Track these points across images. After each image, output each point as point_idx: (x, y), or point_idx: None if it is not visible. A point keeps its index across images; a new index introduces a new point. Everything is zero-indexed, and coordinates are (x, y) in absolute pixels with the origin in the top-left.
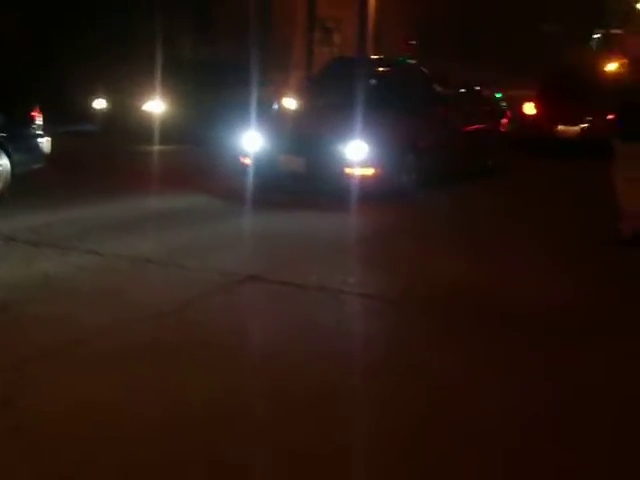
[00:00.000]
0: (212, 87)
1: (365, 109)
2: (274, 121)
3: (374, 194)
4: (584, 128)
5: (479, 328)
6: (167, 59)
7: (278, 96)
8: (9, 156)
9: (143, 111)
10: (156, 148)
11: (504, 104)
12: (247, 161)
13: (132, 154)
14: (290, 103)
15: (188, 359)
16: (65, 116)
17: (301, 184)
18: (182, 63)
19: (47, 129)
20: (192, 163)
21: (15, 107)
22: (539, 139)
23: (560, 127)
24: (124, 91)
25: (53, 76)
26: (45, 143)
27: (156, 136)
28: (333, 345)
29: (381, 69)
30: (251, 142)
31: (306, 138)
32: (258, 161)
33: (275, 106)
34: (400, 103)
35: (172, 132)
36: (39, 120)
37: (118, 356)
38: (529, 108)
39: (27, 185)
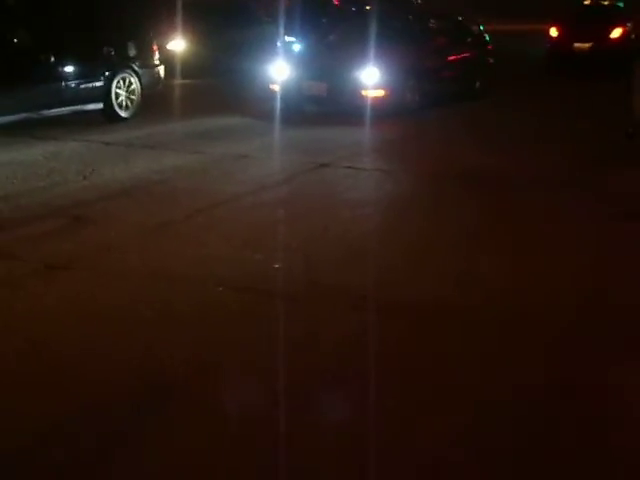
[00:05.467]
0: (226, 26)
1: (374, 41)
2: (298, 53)
3: (385, 112)
4: (593, 44)
5: (480, 188)
6: (185, 2)
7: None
8: (140, 80)
9: (167, 49)
10: (185, 82)
11: (487, 35)
12: (275, 88)
13: (170, 86)
14: (291, 39)
15: (307, 206)
16: None
17: (323, 106)
18: (199, 7)
19: None
20: (223, 92)
21: (142, 41)
22: (560, 54)
23: (576, 44)
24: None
25: None
26: (162, 70)
27: (181, 71)
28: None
29: (385, 6)
30: (278, 71)
31: (327, 66)
32: (285, 87)
33: (279, 43)
34: (402, 35)
35: (194, 68)
36: (157, 52)
37: (252, 208)
38: (553, 31)
39: None
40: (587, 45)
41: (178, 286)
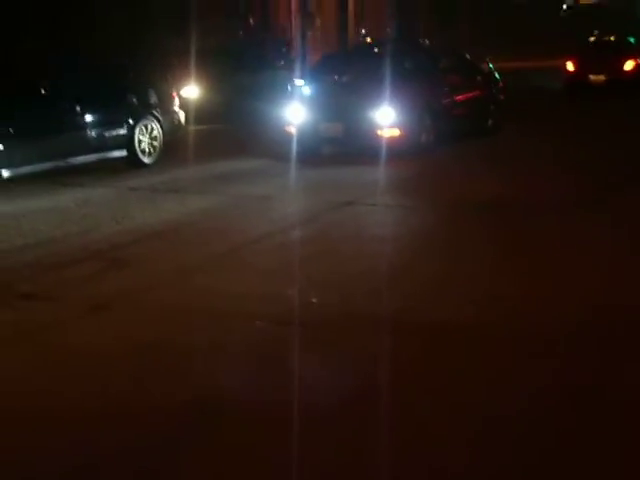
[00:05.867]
0: (238, 71)
1: (388, 82)
2: (313, 96)
3: (401, 151)
4: (607, 77)
5: (495, 218)
6: (196, 49)
7: (291, 77)
8: (161, 126)
9: (181, 96)
10: (200, 127)
11: (496, 73)
12: (292, 130)
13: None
14: (300, 83)
15: (336, 242)
16: None
17: (340, 146)
18: (210, 53)
19: None
20: (239, 136)
21: (162, 89)
22: (577, 85)
23: (591, 76)
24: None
25: None
26: (182, 116)
27: (196, 117)
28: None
29: (396, 47)
30: (294, 114)
31: (342, 108)
32: (302, 129)
33: (289, 87)
34: (415, 75)
35: (208, 113)
36: (177, 99)
37: (282, 245)
38: (570, 65)
39: None
40: (602, 77)
41: (219, 321)
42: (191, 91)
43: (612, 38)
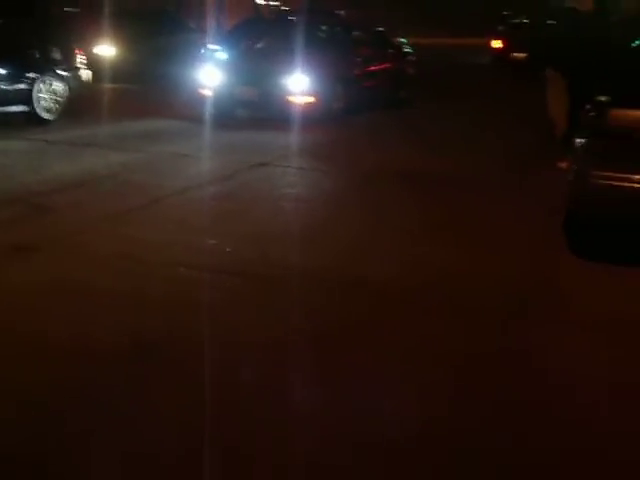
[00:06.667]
0: (153, 33)
1: (303, 50)
2: (229, 60)
3: (313, 118)
4: (527, 55)
5: (409, 185)
6: (114, 9)
7: (205, 41)
8: (65, 83)
9: (93, 54)
10: (114, 86)
11: (409, 48)
12: (206, 93)
13: (99, 90)
14: (215, 47)
15: (252, 198)
16: None
17: (254, 111)
18: (128, 13)
19: None
20: (154, 97)
21: (65, 46)
22: (502, 61)
23: (514, 54)
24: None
25: None
26: (87, 74)
27: (110, 76)
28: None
29: (312, 17)
30: (209, 77)
31: (258, 73)
32: (217, 93)
33: (202, 50)
34: (329, 45)
35: (123, 73)
36: (81, 56)
37: (201, 200)
38: (496, 43)
39: None
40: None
41: (143, 266)
42: (105, 50)
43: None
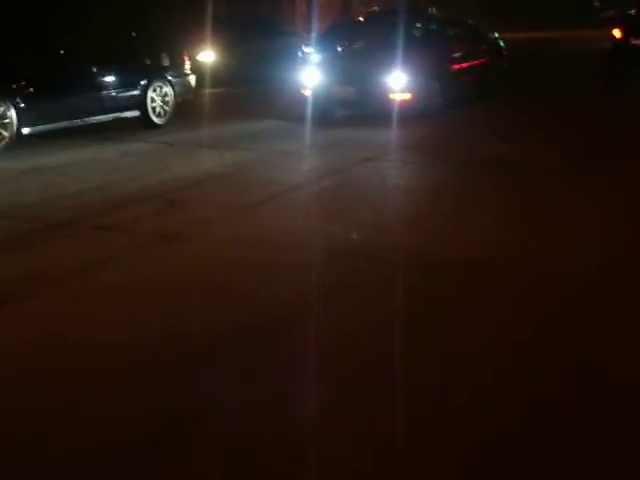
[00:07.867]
0: (251, 38)
1: (399, 48)
2: (327, 61)
3: (410, 114)
4: None
5: (498, 172)
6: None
7: (300, 43)
8: (173, 89)
9: (197, 61)
10: (216, 91)
11: (501, 42)
12: (307, 93)
13: (202, 95)
14: (310, 49)
15: (365, 190)
16: None
17: (353, 109)
18: (226, 20)
19: None
20: (255, 99)
21: (174, 52)
22: (622, 48)
23: (633, 41)
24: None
25: None
26: (193, 80)
27: (212, 81)
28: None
29: (406, 16)
30: (309, 78)
31: (356, 72)
32: (316, 93)
33: (300, 53)
34: (424, 42)
35: (224, 77)
36: (188, 62)
37: (318, 193)
38: (617, 32)
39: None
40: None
41: (277, 250)
42: (207, 56)
43: None
